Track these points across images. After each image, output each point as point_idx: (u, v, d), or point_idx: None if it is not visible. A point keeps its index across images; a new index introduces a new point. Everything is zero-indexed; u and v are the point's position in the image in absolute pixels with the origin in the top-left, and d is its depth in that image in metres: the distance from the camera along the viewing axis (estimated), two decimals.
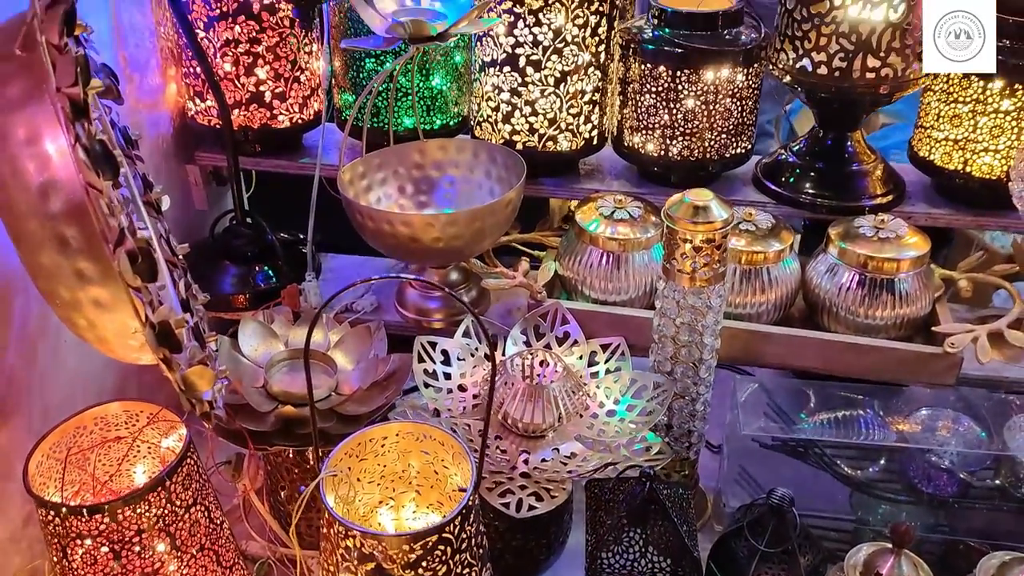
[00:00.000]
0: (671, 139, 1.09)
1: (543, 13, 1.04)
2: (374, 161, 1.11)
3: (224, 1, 1.07)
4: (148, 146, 1.14)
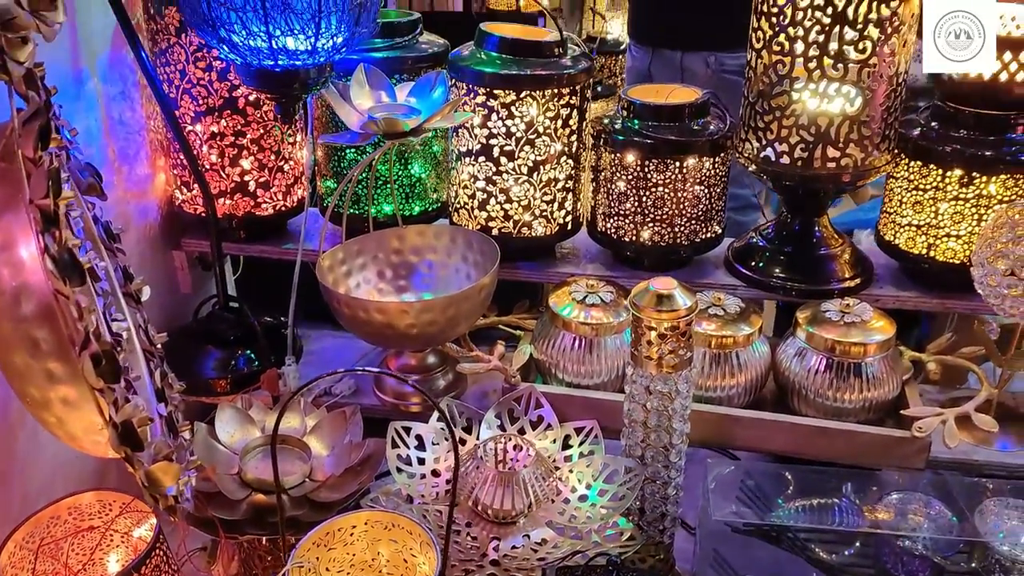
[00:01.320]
0: (642, 225, 1.12)
1: (515, 106, 1.08)
2: (354, 247, 1.14)
3: (211, 97, 1.12)
4: (136, 233, 1.18)
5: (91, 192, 0.88)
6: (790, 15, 0.99)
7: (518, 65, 1.08)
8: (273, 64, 0.97)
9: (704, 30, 2.03)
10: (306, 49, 0.96)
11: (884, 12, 0.96)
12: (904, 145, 1.07)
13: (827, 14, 0.97)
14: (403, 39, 1.15)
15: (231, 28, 0.93)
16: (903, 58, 1.01)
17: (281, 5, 0.92)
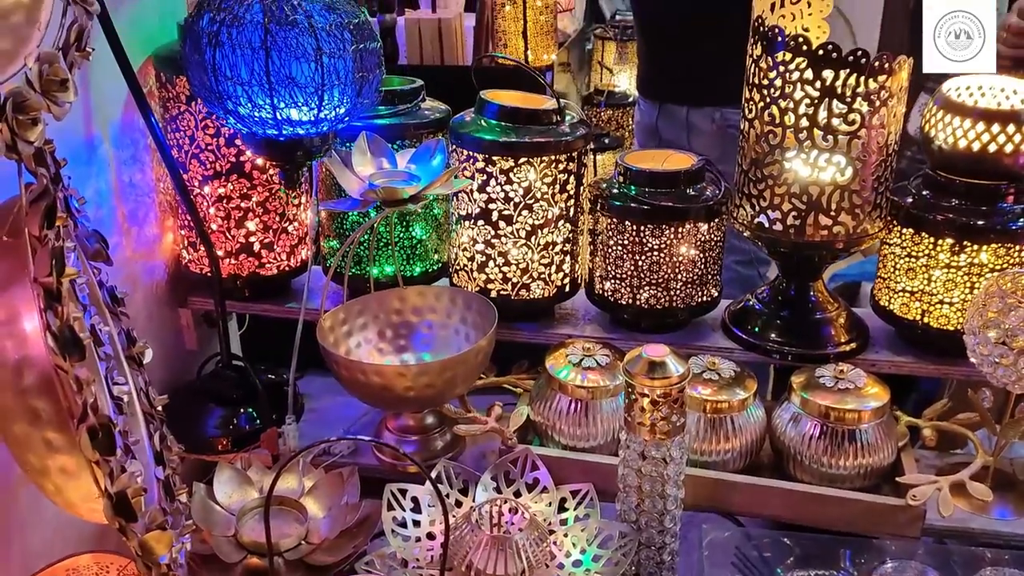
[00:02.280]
0: (639, 288, 1.14)
1: (514, 172, 1.11)
2: (355, 308, 1.16)
3: (218, 161, 1.15)
4: (144, 292, 1.20)
5: (97, 258, 0.91)
6: (780, 88, 1.01)
7: (517, 132, 1.11)
8: (277, 134, 1.00)
9: (709, 86, 2.06)
10: (310, 120, 1.00)
11: (872, 86, 0.98)
12: (896, 212, 1.09)
13: (816, 87, 0.99)
14: (406, 106, 1.18)
15: (237, 101, 0.96)
16: (893, 128, 1.03)
17: (286, 80, 0.95)
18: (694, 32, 2.00)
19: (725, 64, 2.05)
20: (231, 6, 0.95)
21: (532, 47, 2.58)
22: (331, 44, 0.96)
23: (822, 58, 0.98)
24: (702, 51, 1.98)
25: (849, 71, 0.98)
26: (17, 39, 0.76)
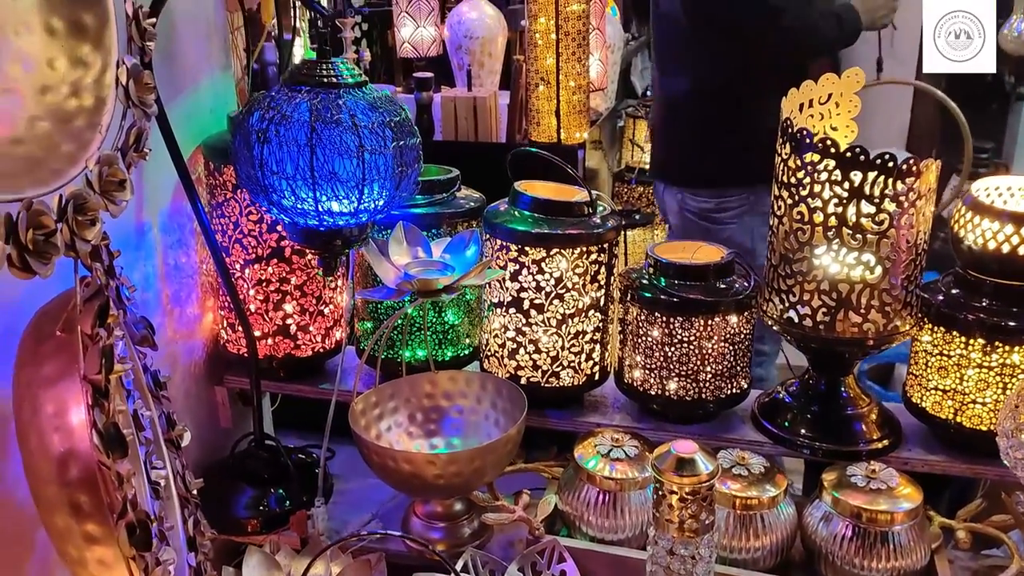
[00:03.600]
0: (668, 379, 1.14)
1: (546, 263, 1.13)
2: (387, 391, 1.18)
3: (260, 247, 1.19)
4: (182, 371, 1.23)
5: (144, 343, 0.94)
6: (809, 187, 1.03)
7: (549, 224, 1.13)
8: (318, 224, 1.04)
9: (674, 166, 2.20)
10: (349, 211, 1.03)
11: (900, 187, 1.00)
12: (927, 310, 1.09)
13: (844, 188, 1.01)
14: (442, 195, 1.22)
15: (282, 194, 1.00)
16: (922, 228, 1.04)
17: (329, 175, 0.99)
18: (671, 115, 2.21)
19: (693, 150, 2.16)
20: (280, 104, 1.00)
21: (564, 125, 2.64)
22: (373, 141, 1.00)
23: (850, 160, 1.00)
24: (676, 135, 2.18)
25: (877, 173, 0.99)
26: (80, 143, 0.81)
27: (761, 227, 1.99)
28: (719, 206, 2.08)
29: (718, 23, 1.99)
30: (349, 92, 1.01)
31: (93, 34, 0.87)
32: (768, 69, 1.93)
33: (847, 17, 1.99)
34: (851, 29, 1.99)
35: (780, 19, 1.90)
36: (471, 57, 2.77)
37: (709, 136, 2.11)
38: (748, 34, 1.95)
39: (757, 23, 1.92)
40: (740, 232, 2.06)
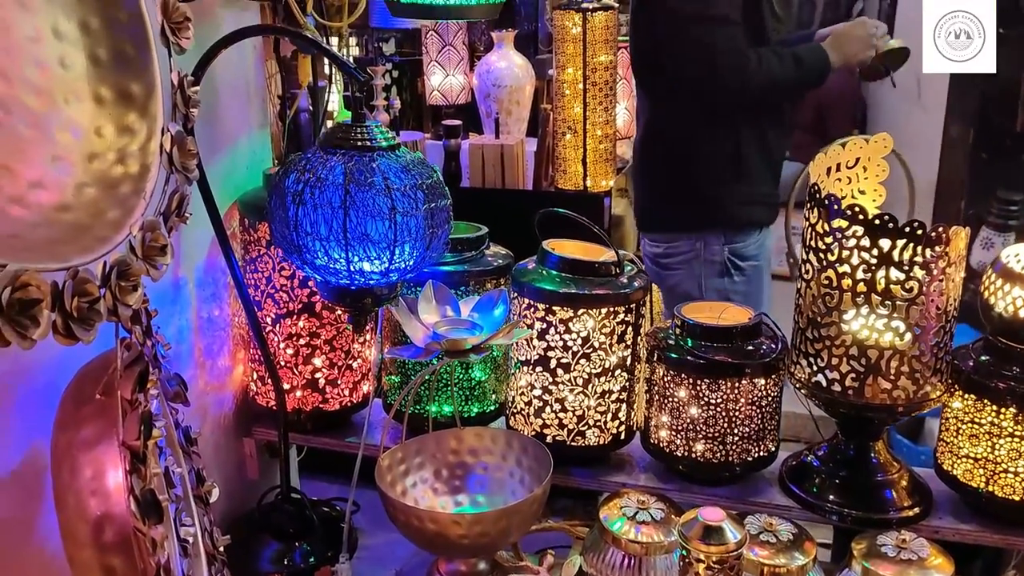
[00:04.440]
0: (694, 440, 1.14)
1: (573, 322, 1.14)
2: (413, 447, 1.18)
3: (291, 302, 1.21)
4: (211, 423, 1.25)
5: (176, 400, 0.96)
6: (837, 253, 1.03)
7: (576, 284, 1.14)
8: (349, 283, 1.06)
9: (636, 210, 2.21)
10: (380, 271, 1.05)
11: (929, 255, 1.00)
12: (957, 376, 1.08)
13: (873, 255, 1.01)
14: (471, 253, 1.23)
15: (315, 254, 1.02)
16: (952, 295, 1.04)
17: (361, 236, 1.01)
18: (633, 159, 2.24)
19: (644, 194, 2.19)
20: (315, 167, 1.02)
21: (591, 173, 2.66)
22: (405, 203, 1.02)
23: (879, 227, 1.00)
24: (635, 178, 2.24)
25: (906, 240, 1.00)
26: (125, 209, 0.83)
27: (710, 277, 2.00)
28: (667, 251, 2.06)
29: (658, 69, 1.97)
30: (383, 155, 1.03)
31: (140, 103, 0.90)
32: (715, 115, 1.91)
33: (809, 58, 1.89)
34: (813, 71, 1.89)
35: (716, 63, 1.82)
36: (499, 105, 2.81)
37: (657, 181, 2.12)
38: (686, 80, 1.89)
39: (692, 69, 1.85)
40: (687, 279, 2.03)
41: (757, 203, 2.00)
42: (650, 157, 2.17)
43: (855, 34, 1.90)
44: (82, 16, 0.88)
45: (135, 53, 0.90)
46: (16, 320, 0.64)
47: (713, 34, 1.81)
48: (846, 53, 1.89)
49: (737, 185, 1.97)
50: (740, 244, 2.00)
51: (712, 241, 2.00)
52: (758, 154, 1.97)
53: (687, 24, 1.84)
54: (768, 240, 2.07)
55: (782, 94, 1.96)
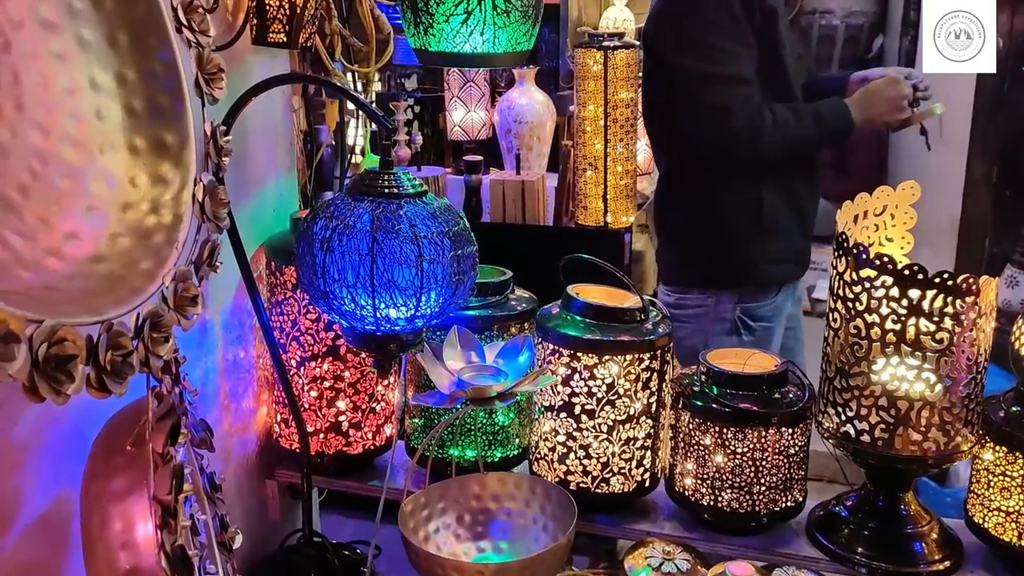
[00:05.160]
0: (720, 490, 1.13)
1: (597, 368, 1.13)
2: (436, 492, 1.18)
3: (316, 344, 1.21)
4: (235, 465, 1.25)
5: (202, 446, 0.96)
6: (866, 302, 1.03)
7: (601, 330, 1.14)
8: (375, 329, 1.06)
9: (660, 265, 2.14)
10: (406, 317, 1.05)
11: (959, 306, 0.99)
12: (988, 427, 1.07)
13: (902, 305, 1.00)
14: (496, 298, 1.23)
15: (342, 301, 1.03)
16: (983, 347, 1.03)
17: (388, 283, 1.01)
18: (656, 209, 2.17)
19: (661, 241, 2.14)
20: (343, 214, 1.03)
21: (612, 209, 2.67)
22: (432, 251, 1.02)
23: (908, 278, 0.99)
24: (660, 231, 2.15)
25: (936, 291, 0.99)
26: (158, 259, 0.84)
27: (719, 334, 1.92)
28: (679, 302, 2.00)
29: (671, 125, 1.92)
30: (410, 202, 1.04)
31: (174, 153, 0.91)
32: (733, 171, 1.85)
33: (830, 117, 1.82)
34: (834, 130, 1.83)
35: (730, 124, 1.76)
36: (520, 141, 2.83)
37: (672, 233, 2.08)
38: (700, 139, 1.84)
39: (706, 129, 1.80)
40: (695, 335, 1.95)
41: (782, 261, 1.93)
42: (666, 208, 2.12)
43: (886, 95, 1.81)
44: (118, 68, 0.89)
45: (169, 104, 0.91)
46: (52, 376, 0.64)
47: (727, 95, 1.77)
48: (872, 114, 1.83)
49: (757, 243, 1.90)
50: (754, 304, 1.93)
51: (724, 299, 1.93)
52: (784, 210, 1.90)
53: (701, 84, 1.79)
54: (787, 300, 1.99)
55: (802, 152, 1.89)
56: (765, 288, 1.94)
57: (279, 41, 1.11)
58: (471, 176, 2.67)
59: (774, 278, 1.94)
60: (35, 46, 0.82)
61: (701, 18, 1.80)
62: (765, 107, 1.79)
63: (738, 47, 1.79)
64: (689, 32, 1.82)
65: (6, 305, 0.61)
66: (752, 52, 1.81)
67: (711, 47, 1.79)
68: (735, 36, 1.78)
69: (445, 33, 1.10)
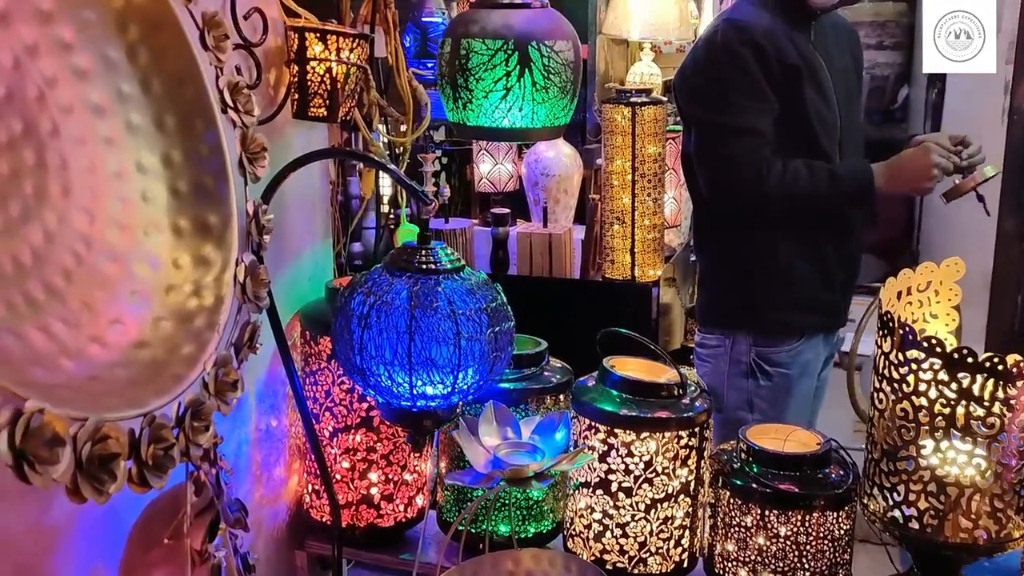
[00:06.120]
0: (761, 572, 1.09)
1: (635, 445, 1.11)
2: (469, 569, 1.15)
3: (350, 416, 1.20)
4: (265, 535, 1.24)
5: (237, 526, 0.94)
6: (913, 384, 1.00)
7: (639, 406, 1.12)
8: (411, 405, 1.05)
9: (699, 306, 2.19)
10: (443, 394, 1.04)
11: (1011, 391, 0.96)
12: None
13: (951, 389, 0.98)
14: (531, 370, 1.22)
15: (378, 378, 1.02)
16: None
17: (425, 360, 1.00)
18: (693, 246, 2.30)
19: (699, 285, 2.18)
20: (380, 290, 1.03)
21: (639, 263, 2.66)
22: (470, 328, 1.01)
23: (957, 361, 0.97)
24: (696, 267, 2.25)
25: (986, 376, 0.96)
26: (199, 344, 0.84)
27: (735, 376, 1.95)
28: (702, 340, 2.05)
29: (691, 172, 2.00)
30: (447, 277, 1.03)
31: (216, 233, 0.91)
32: (742, 217, 1.89)
33: (848, 178, 1.80)
34: (851, 191, 1.81)
35: (736, 175, 1.80)
36: (547, 194, 2.83)
37: (701, 271, 2.20)
38: (711, 189, 1.90)
39: (715, 179, 1.87)
40: (713, 375, 1.98)
41: (797, 310, 1.93)
42: (696, 249, 2.23)
43: (915, 164, 1.76)
44: (165, 150, 0.90)
45: (214, 184, 0.92)
46: (95, 476, 0.63)
47: (733, 145, 1.81)
48: (898, 182, 1.80)
49: (771, 289, 1.92)
50: (769, 349, 1.93)
51: (740, 341, 1.95)
52: (801, 259, 1.90)
53: (711, 134, 1.86)
54: (812, 351, 1.97)
55: (819, 208, 1.88)
56: (781, 334, 1.95)
57: (320, 116, 1.12)
58: (498, 228, 2.67)
59: (789, 325, 1.95)
60: (84, 131, 0.83)
61: (714, 72, 1.86)
62: (778, 161, 1.81)
63: (752, 101, 1.82)
64: (703, 85, 1.89)
65: (52, 407, 0.61)
66: (768, 107, 1.83)
67: (723, 100, 1.83)
68: (747, 91, 1.81)
69: (484, 108, 1.11)
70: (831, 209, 1.91)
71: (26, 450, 0.57)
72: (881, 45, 4.55)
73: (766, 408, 1.97)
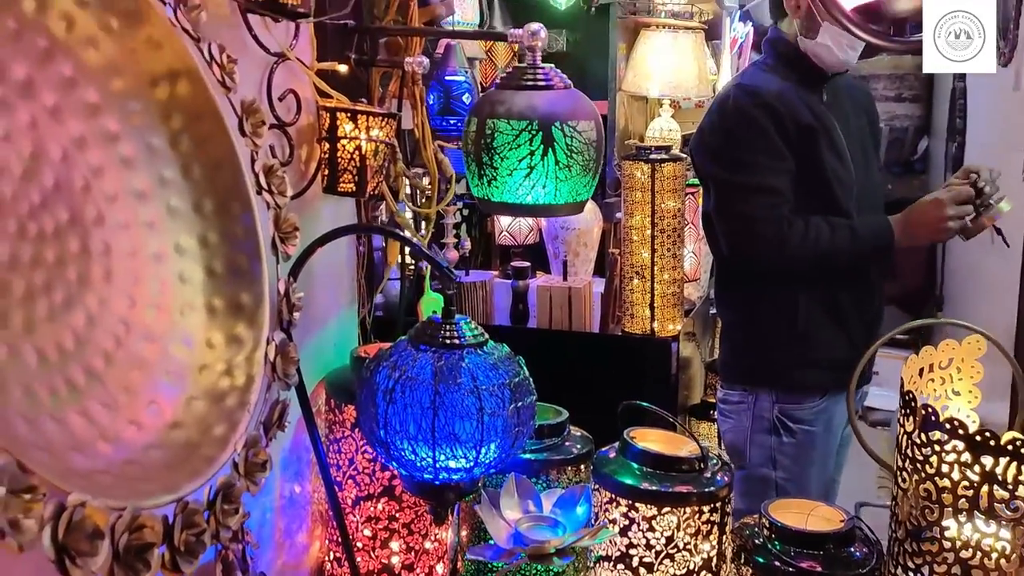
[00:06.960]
0: None
1: (656, 520, 1.11)
2: None
3: (372, 484, 1.21)
4: None
5: None
6: (936, 465, 1.00)
7: (660, 480, 1.12)
8: (433, 478, 1.06)
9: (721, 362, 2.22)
10: (465, 468, 1.05)
11: None
12: None
13: (974, 471, 0.97)
14: (552, 440, 1.23)
15: (401, 451, 1.03)
16: None
17: (449, 435, 1.02)
18: (715, 299, 2.31)
19: (721, 340, 2.20)
20: (405, 364, 1.04)
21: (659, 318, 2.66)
22: (493, 403, 1.02)
23: (980, 444, 0.97)
24: (724, 329, 2.24)
25: (1009, 459, 0.96)
26: (230, 423, 0.86)
27: (757, 432, 1.96)
28: (724, 396, 2.06)
29: (711, 229, 2.02)
30: (471, 352, 1.05)
31: (248, 312, 0.94)
32: (764, 276, 1.91)
33: (866, 231, 1.83)
34: (872, 247, 1.84)
35: (755, 233, 1.83)
36: (567, 247, 2.86)
37: (723, 326, 2.23)
38: (731, 247, 1.93)
39: (734, 237, 1.91)
40: (735, 431, 1.99)
41: (819, 368, 1.94)
42: (718, 304, 2.26)
43: (928, 216, 1.79)
44: (202, 232, 0.93)
45: (248, 264, 0.94)
46: (130, 566, 0.65)
47: (751, 204, 1.84)
48: (913, 234, 1.83)
49: (792, 347, 1.94)
50: (792, 406, 1.94)
51: (763, 398, 1.97)
52: (823, 318, 1.92)
53: (728, 193, 1.89)
54: (836, 407, 1.97)
55: (840, 265, 1.89)
56: (803, 392, 1.95)
57: (349, 191, 1.15)
58: (518, 282, 2.69)
59: (812, 384, 1.96)
60: (127, 216, 0.86)
61: (731, 133, 1.90)
62: (799, 219, 1.83)
63: (769, 160, 1.85)
64: (719, 145, 1.93)
65: (92, 498, 0.63)
66: (785, 166, 1.86)
67: (740, 159, 1.87)
68: (764, 150, 1.85)
69: (508, 185, 1.14)
70: (852, 265, 1.93)
71: (68, 544, 0.59)
72: (900, 97, 4.58)
73: (789, 464, 1.96)
